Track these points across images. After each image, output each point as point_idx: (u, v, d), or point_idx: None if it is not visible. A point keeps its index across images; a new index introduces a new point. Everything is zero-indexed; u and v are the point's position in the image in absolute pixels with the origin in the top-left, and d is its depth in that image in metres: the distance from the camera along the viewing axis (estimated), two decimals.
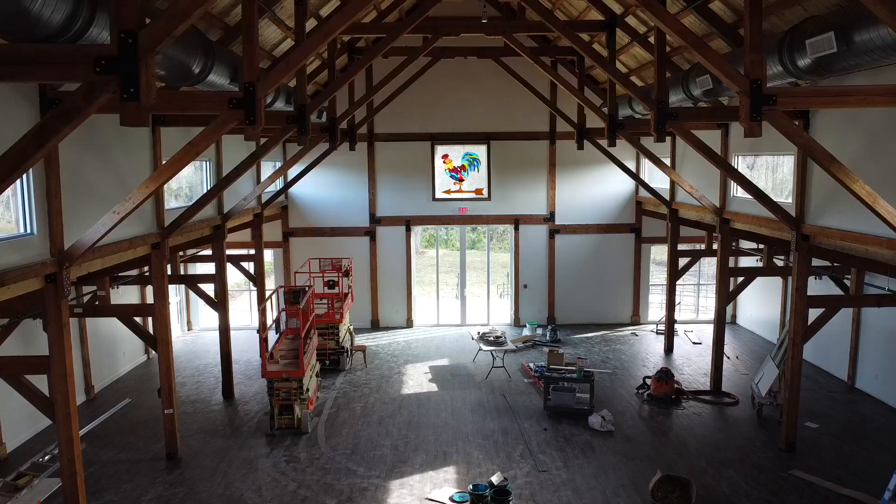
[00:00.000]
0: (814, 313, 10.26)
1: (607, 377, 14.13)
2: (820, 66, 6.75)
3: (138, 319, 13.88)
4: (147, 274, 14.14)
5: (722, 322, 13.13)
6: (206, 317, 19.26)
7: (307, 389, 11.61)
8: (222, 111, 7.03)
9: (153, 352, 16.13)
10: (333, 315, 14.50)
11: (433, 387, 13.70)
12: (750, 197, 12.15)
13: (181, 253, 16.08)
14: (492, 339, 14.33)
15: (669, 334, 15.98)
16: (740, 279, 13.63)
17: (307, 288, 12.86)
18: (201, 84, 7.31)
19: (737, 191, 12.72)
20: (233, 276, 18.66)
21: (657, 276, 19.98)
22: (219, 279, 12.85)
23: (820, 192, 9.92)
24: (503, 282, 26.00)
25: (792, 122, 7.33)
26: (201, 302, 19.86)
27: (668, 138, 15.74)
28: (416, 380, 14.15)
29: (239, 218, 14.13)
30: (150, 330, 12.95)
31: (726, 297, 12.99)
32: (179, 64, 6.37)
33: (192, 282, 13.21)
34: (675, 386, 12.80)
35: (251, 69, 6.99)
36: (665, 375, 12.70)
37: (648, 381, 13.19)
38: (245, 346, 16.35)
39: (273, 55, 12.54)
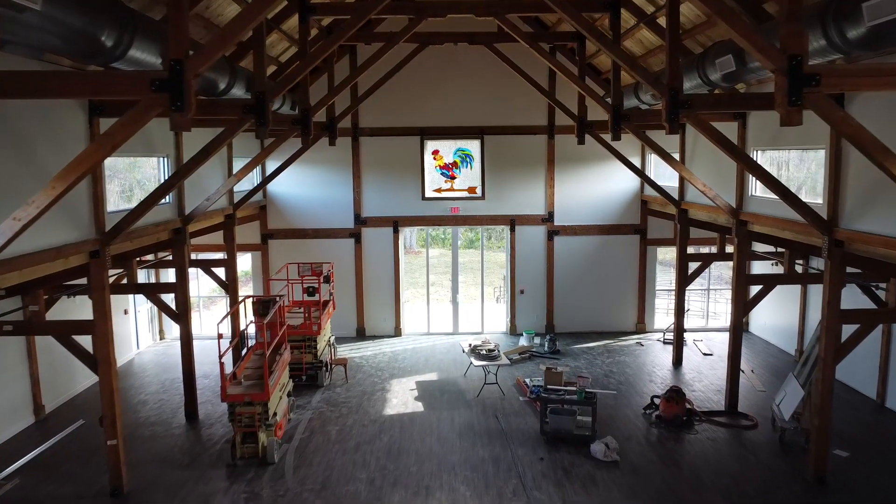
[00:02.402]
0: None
1: (611, 395, 12.85)
2: (878, 38, 5.46)
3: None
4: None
5: (738, 335, 11.83)
6: None
7: (274, 414, 10.35)
8: (143, 94, 5.77)
9: (118, 363, 14.90)
10: (310, 326, 13.22)
11: (419, 406, 12.43)
12: (771, 196, 10.88)
13: (150, 258, 14.87)
14: (484, 352, 13.06)
15: (678, 345, 14.71)
16: (757, 287, 12.33)
17: (277, 298, 11.58)
18: (122, 62, 6.03)
19: (755, 189, 11.43)
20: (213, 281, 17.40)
21: (663, 279, 18.70)
22: (180, 288, 11.57)
23: (856, 192, 8.63)
24: (500, 284, 24.73)
25: (838, 108, 6.04)
26: None
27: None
28: (401, 397, 12.88)
29: (206, 220, 12.86)
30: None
31: (743, 306, 11.69)
32: (80, 34, 5.10)
33: (150, 291, 11.91)
34: (687, 406, 11.53)
35: (178, 43, 5.71)
36: (676, 395, 11.42)
37: (657, 401, 11.92)
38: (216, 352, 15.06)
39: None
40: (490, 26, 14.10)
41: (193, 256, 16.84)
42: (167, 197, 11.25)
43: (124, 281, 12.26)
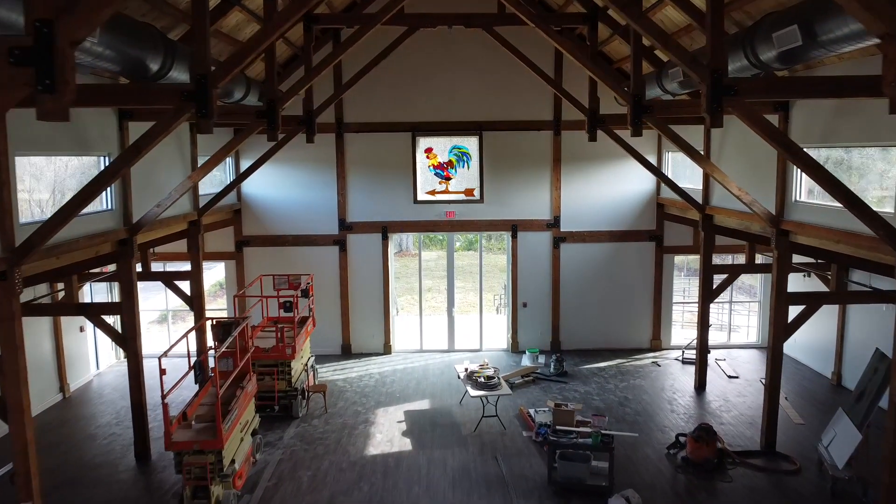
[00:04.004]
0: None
1: (627, 426, 11.19)
2: None
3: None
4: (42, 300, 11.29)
5: (778, 363, 10.19)
6: (149, 340, 16.33)
7: (232, 461, 8.70)
8: None
9: (71, 387, 13.30)
10: (284, 349, 11.56)
11: (406, 443, 10.76)
12: (820, 203, 9.26)
13: (111, 268, 13.25)
14: (482, 379, 11.38)
15: (701, 367, 13.05)
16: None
17: (241, 320, 9.94)
18: None
19: (799, 194, 9.78)
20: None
21: (676, 286, 16.96)
22: (126, 309, 9.92)
23: None
24: (500, 292, 23.07)
25: None
26: (145, 319, 17.02)
27: (699, 126, 12.78)
28: (387, 432, 11.22)
29: (162, 228, 11.21)
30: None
31: (784, 329, 10.04)
32: None
33: (93, 312, 10.22)
34: (718, 446, 9.88)
35: None
36: (706, 435, 9.75)
37: (682, 439, 10.28)
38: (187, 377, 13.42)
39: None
40: (489, 6, 12.44)
41: (158, 268, 15.24)
42: (108, 203, 9.61)
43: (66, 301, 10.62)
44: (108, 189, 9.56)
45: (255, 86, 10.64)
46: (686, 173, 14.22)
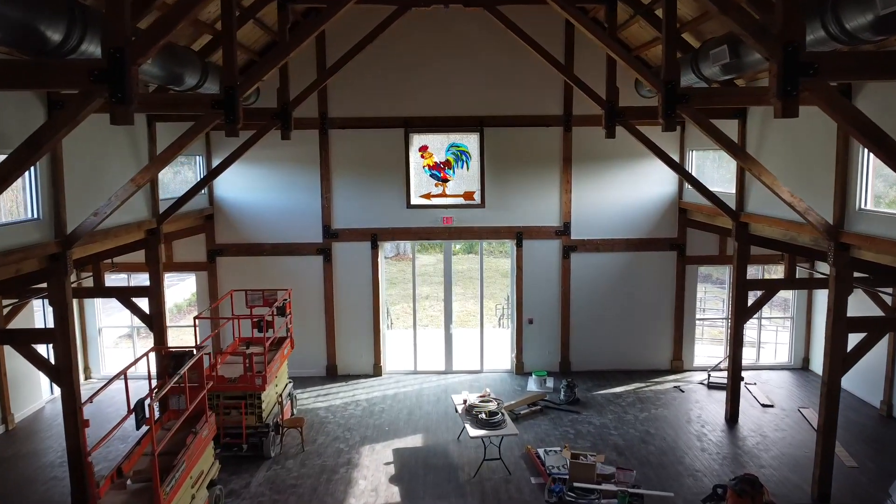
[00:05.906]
0: None
1: (652, 470, 9.59)
2: None
3: None
4: None
5: (835, 401, 8.61)
6: (115, 358, 14.72)
7: None
8: None
9: (16, 419, 11.74)
10: (252, 379, 9.96)
11: (394, 493, 9.15)
12: (888, 211, 7.66)
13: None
14: (483, 416, 9.75)
15: (734, 396, 11.44)
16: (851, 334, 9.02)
17: (194, 350, 8.34)
18: None
19: (864, 202, 8.17)
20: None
21: (702, 301, 15.39)
22: (60, 335, 8.32)
23: None
24: (502, 303, 21.45)
25: None
26: (112, 335, 15.49)
27: (733, 121, 11.18)
28: (372, 478, 9.61)
29: (110, 239, 9.61)
30: None
31: (842, 362, 8.45)
32: None
33: (21, 340, 8.60)
34: (765, 500, 8.28)
35: None
36: (750, 489, 8.13)
37: (721, 491, 8.68)
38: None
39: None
40: None
41: (121, 281, 13.72)
42: (33, 211, 8.02)
43: None
44: (33, 194, 7.97)
45: (216, 71, 9.05)
46: (713, 175, 12.62)
